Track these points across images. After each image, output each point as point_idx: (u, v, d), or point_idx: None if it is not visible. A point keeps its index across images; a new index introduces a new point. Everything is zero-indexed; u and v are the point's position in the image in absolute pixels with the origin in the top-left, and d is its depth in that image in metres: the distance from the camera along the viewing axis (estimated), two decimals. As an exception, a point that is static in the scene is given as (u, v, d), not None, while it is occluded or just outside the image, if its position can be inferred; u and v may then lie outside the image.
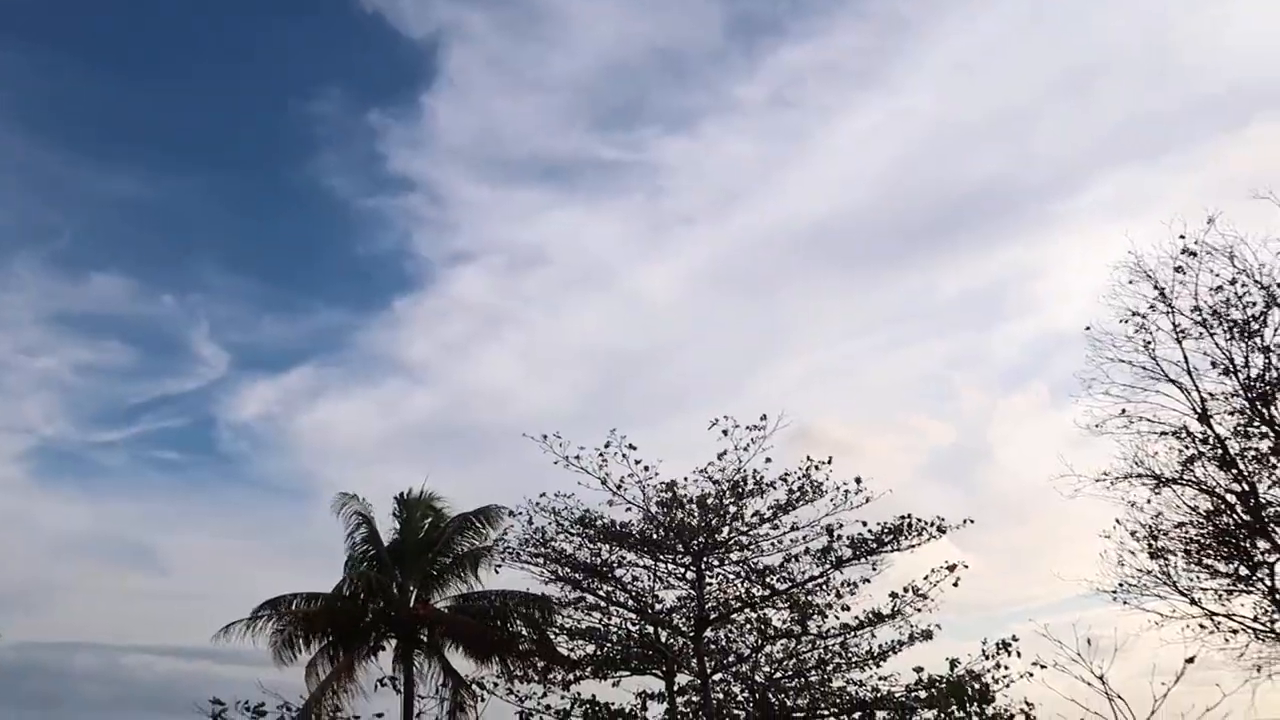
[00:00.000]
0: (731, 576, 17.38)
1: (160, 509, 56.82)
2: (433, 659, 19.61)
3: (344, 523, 20.88)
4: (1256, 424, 14.83)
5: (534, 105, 61.12)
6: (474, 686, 18.43)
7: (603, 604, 17.61)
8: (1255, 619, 14.88)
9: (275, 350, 62.60)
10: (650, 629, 17.42)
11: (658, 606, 17.40)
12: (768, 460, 16.99)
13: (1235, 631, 14.98)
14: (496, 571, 18.63)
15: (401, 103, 64.31)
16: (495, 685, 17.99)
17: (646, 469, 17.11)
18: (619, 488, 17.19)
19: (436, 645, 19.46)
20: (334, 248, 65.16)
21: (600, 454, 17.07)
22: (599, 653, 17.44)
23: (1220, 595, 15.15)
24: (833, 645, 16.87)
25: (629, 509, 17.36)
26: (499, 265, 63.32)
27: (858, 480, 16.37)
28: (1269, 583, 14.66)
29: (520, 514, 17.52)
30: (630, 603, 17.53)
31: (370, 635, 19.68)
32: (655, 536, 17.23)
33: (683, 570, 17.38)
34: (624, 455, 17.01)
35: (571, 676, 17.51)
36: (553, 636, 18.52)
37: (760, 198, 60.49)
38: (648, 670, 17.32)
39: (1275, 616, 14.57)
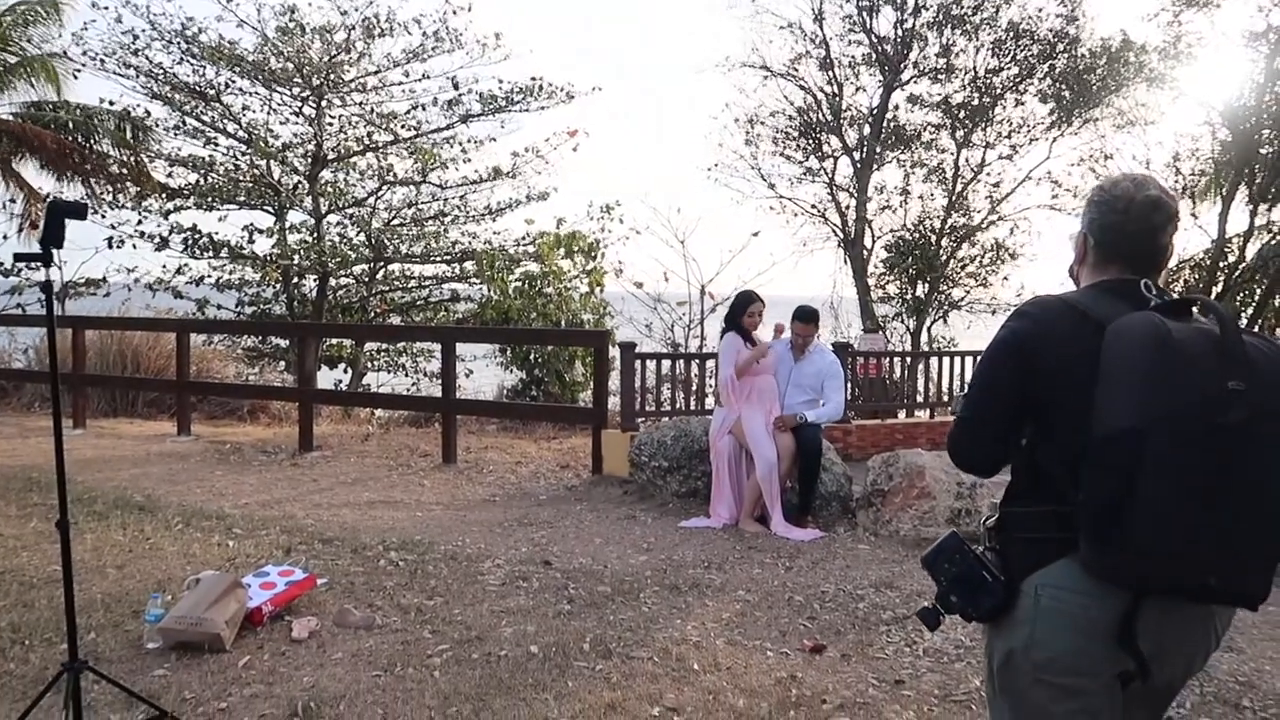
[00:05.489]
0: (354, 118, 16.74)
1: None
2: (-1, 171, 17.18)
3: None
4: (858, 32, 16.47)
5: None
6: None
7: (208, 130, 16.32)
8: (813, 206, 17.63)
9: None
10: (262, 164, 16.58)
11: (272, 142, 16.49)
12: (404, -1, 16.06)
13: (796, 215, 17.68)
14: (75, 77, 16.25)
15: None
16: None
17: (267, -17, 15.34)
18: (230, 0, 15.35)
19: (3, 156, 16.98)
20: None
21: (208, -45, 14.89)
22: (203, 182, 16.43)
23: (791, 182, 17.58)
24: (453, 198, 17.34)
25: (241, 26, 15.73)
26: None
27: (497, 35, 16.06)
28: (829, 176, 17.23)
29: (105, 9, 15.13)
30: (240, 133, 16.44)
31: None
32: (271, 65, 15.89)
33: (300, 105, 16.39)
34: (238, -39, 15.00)
35: (171, 206, 16.46)
36: (149, 161, 16.97)
37: None
38: (259, 206, 16.75)
39: (828, 204, 17.34)
